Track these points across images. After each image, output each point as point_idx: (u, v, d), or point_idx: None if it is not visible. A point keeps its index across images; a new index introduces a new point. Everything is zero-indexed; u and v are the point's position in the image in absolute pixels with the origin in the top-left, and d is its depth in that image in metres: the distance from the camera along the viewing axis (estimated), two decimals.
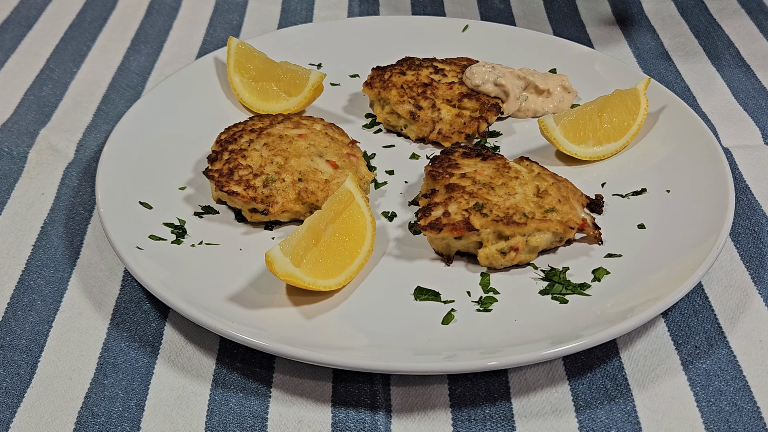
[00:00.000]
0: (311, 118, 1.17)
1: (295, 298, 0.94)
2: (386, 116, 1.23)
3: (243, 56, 1.28)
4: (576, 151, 1.16)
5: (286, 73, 1.26)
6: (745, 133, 1.27)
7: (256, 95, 1.26)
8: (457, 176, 1.05)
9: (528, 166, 1.08)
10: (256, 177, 1.05)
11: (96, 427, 0.84)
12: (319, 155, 1.08)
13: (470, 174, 1.05)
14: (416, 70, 1.26)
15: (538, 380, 0.89)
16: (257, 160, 1.07)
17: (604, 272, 0.98)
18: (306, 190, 1.04)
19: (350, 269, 0.96)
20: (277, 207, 1.02)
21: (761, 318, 0.96)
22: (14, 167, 1.19)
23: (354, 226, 0.99)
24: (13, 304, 0.98)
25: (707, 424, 0.84)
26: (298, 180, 1.04)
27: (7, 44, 1.50)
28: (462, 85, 1.24)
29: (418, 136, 1.21)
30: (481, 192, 1.01)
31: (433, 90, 1.22)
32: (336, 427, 0.84)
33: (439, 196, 1.03)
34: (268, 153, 1.08)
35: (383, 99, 1.23)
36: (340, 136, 1.14)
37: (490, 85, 1.23)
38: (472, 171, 1.05)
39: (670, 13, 1.62)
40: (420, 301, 0.95)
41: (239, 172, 1.06)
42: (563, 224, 0.99)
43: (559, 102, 1.27)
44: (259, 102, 1.26)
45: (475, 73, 1.23)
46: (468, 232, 0.97)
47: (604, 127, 1.17)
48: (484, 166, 1.06)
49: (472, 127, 1.20)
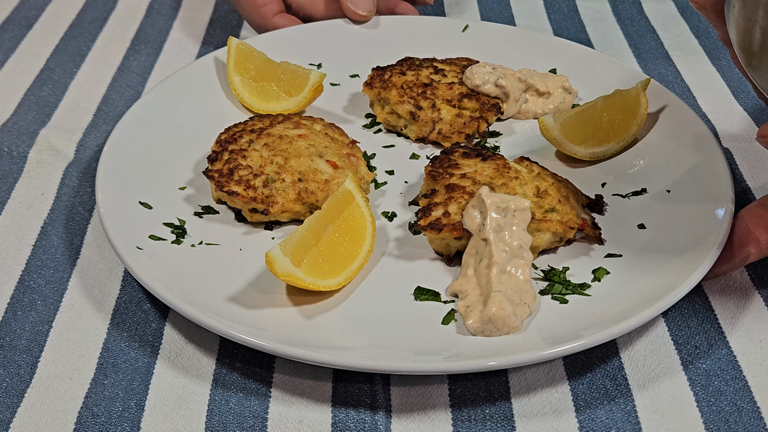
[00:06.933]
0: (311, 118, 1.17)
1: (295, 298, 0.94)
2: (386, 116, 1.23)
3: (243, 56, 1.28)
4: (576, 151, 1.16)
5: (286, 73, 1.26)
6: (745, 133, 1.26)
7: (256, 95, 1.26)
8: (458, 176, 1.05)
9: (528, 166, 1.08)
10: (256, 177, 1.05)
11: (96, 427, 0.84)
12: (319, 155, 1.08)
13: (470, 174, 1.05)
14: (416, 71, 1.26)
15: (538, 380, 0.89)
16: (257, 160, 1.07)
17: (604, 272, 0.98)
18: (306, 190, 1.04)
19: (350, 269, 0.96)
20: (277, 207, 1.02)
21: (761, 318, 0.96)
22: (14, 167, 1.19)
23: (354, 226, 0.99)
24: (13, 304, 0.98)
25: (707, 424, 0.84)
26: (298, 180, 1.04)
27: (7, 44, 1.50)
28: (462, 85, 1.24)
29: (418, 136, 1.21)
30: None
31: (433, 90, 1.22)
32: (336, 427, 0.84)
33: (440, 196, 1.03)
34: (268, 153, 1.08)
35: (383, 99, 1.23)
36: (340, 136, 1.14)
37: (490, 85, 1.22)
38: (472, 171, 1.05)
39: (670, 13, 1.62)
40: (420, 301, 0.95)
41: (239, 172, 1.06)
42: (563, 224, 0.99)
43: (560, 103, 1.27)
44: (259, 102, 1.25)
45: (475, 73, 1.23)
46: (468, 232, 0.97)
47: (605, 127, 1.17)
48: (484, 167, 1.06)
49: (472, 127, 1.20)
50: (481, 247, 0.95)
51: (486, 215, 0.94)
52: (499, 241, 0.93)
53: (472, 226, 0.96)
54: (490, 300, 0.89)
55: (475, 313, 0.90)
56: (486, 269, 0.92)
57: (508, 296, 0.90)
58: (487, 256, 0.93)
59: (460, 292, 0.94)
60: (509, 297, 0.90)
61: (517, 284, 0.92)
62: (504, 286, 0.91)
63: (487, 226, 0.94)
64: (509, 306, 0.88)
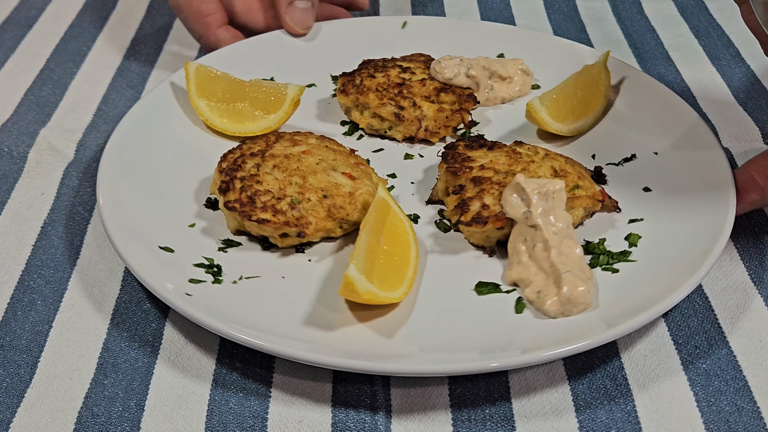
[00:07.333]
0: (301, 133, 1.14)
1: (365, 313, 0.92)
2: (369, 121, 1.21)
3: (205, 80, 1.21)
4: (560, 128, 1.20)
5: (260, 90, 1.20)
6: (745, 133, 1.27)
7: (228, 117, 1.19)
8: (477, 169, 1.05)
9: (532, 150, 1.10)
10: (280, 201, 1.00)
11: (96, 427, 0.84)
12: (332, 169, 1.06)
13: (488, 165, 1.06)
14: (384, 72, 1.25)
15: (538, 380, 0.89)
16: (274, 183, 1.02)
17: (636, 237, 1.02)
18: (335, 205, 1.00)
19: (408, 277, 0.94)
20: (311, 227, 0.98)
21: (761, 318, 0.96)
22: (14, 167, 1.19)
23: (398, 233, 0.98)
24: (13, 304, 0.98)
25: (707, 424, 0.84)
26: (323, 197, 1.01)
27: (7, 44, 1.50)
28: (433, 80, 1.24)
29: (405, 136, 1.20)
30: (508, 180, 1.02)
31: (409, 89, 1.22)
32: (336, 427, 0.84)
33: (470, 190, 1.03)
34: (283, 175, 1.03)
35: (362, 104, 1.21)
36: (339, 147, 1.12)
37: (462, 77, 1.24)
38: (488, 162, 1.06)
39: (670, 13, 1.62)
40: (483, 295, 0.95)
41: (261, 198, 1.00)
42: (591, 198, 1.02)
43: (522, 85, 1.31)
44: (233, 124, 1.19)
45: (445, 66, 1.24)
46: (510, 221, 0.99)
47: (580, 103, 1.22)
48: (497, 156, 1.08)
49: (456, 119, 1.21)
50: (529, 233, 0.97)
51: (529, 202, 0.96)
52: (548, 224, 0.96)
53: (516, 214, 0.98)
54: (563, 281, 0.92)
55: (551, 296, 0.92)
56: (544, 253, 0.95)
57: (576, 274, 0.93)
58: (541, 241, 0.96)
59: (520, 281, 0.96)
60: (577, 275, 0.93)
61: (576, 262, 0.95)
62: (568, 266, 0.94)
63: (533, 212, 0.96)
64: (582, 283, 0.92)
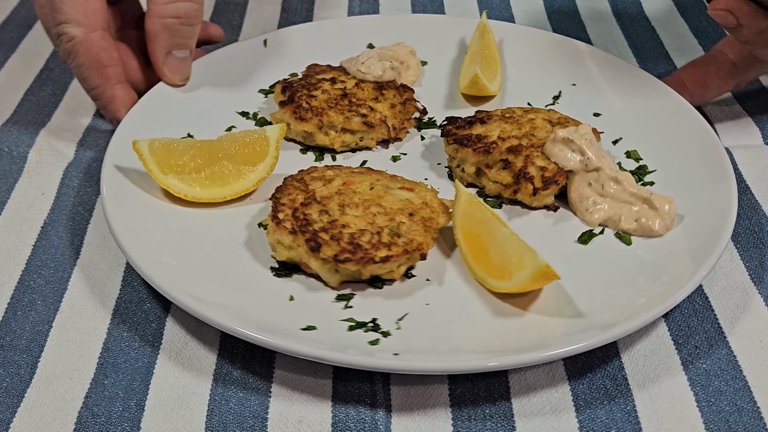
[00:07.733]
0: (317, 168, 1.09)
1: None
2: (341, 138, 1.18)
3: (166, 154, 1.08)
4: (495, 88, 1.29)
5: (237, 144, 1.10)
6: (745, 133, 1.27)
7: (210, 182, 1.07)
8: (499, 142, 1.10)
9: (518, 111, 1.18)
10: (379, 234, 0.96)
11: (96, 427, 0.84)
12: (387, 187, 1.04)
13: (503, 134, 1.11)
14: (318, 89, 1.21)
15: (538, 380, 0.89)
16: (360, 221, 0.98)
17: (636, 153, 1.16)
18: (426, 219, 0.99)
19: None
20: (426, 247, 0.97)
21: (761, 318, 0.96)
22: (14, 167, 1.19)
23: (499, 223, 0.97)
24: (13, 304, 0.98)
25: (707, 424, 0.84)
26: (409, 215, 0.99)
27: (7, 44, 1.50)
28: (364, 82, 1.25)
29: (377, 141, 1.20)
30: (534, 141, 1.09)
31: (354, 96, 1.21)
32: (336, 426, 0.84)
33: (516, 161, 1.07)
34: (358, 210, 0.99)
35: (326, 125, 1.17)
36: (357, 169, 1.09)
37: (388, 71, 1.26)
38: (501, 132, 1.11)
39: (670, 13, 1.62)
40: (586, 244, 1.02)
41: (362, 240, 0.95)
42: (598, 134, 1.13)
43: (416, 66, 1.35)
44: (218, 189, 1.07)
45: (371, 66, 1.25)
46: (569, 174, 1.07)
47: (489, 60, 1.32)
48: (500, 126, 1.13)
49: (410, 110, 1.23)
50: (592, 177, 1.05)
51: (582, 150, 1.05)
52: (605, 163, 1.06)
53: (575, 165, 1.05)
54: (654, 201, 1.02)
55: (653, 217, 1.02)
56: (618, 187, 1.05)
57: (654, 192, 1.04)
58: (608, 179, 1.05)
59: (608, 219, 1.04)
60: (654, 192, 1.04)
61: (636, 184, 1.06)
62: (643, 190, 1.04)
63: (591, 157, 1.05)
64: (665, 197, 1.03)
